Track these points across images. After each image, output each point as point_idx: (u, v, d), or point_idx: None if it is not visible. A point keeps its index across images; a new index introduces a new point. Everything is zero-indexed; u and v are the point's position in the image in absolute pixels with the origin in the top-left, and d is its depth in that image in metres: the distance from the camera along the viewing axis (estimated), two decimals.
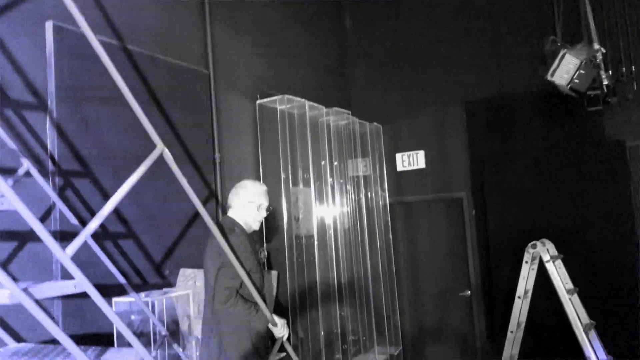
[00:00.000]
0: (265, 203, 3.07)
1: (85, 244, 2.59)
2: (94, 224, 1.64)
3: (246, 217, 3.03)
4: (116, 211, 3.04)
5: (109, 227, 3.02)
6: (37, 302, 1.49)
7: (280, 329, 2.79)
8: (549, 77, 3.71)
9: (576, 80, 3.63)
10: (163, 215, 3.40)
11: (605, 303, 4.86)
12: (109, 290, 2.86)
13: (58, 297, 2.69)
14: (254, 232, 3.17)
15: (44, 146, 2.74)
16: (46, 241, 1.53)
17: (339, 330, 4.85)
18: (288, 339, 2.91)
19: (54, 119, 2.77)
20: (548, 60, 3.68)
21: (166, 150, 1.93)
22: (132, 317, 3.05)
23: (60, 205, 2.50)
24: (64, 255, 1.55)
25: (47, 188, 2.48)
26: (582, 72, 3.59)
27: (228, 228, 2.90)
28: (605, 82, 3.94)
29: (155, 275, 3.31)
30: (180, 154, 3.54)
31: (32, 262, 2.58)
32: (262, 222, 3.14)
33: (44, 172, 2.67)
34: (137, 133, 3.13)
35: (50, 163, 2.75)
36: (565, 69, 3.55)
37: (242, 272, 2.43)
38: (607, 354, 4.43)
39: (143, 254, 3.21)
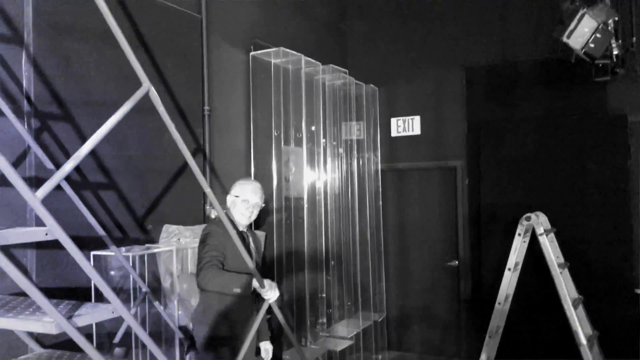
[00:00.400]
0: (251, 199, 2.97)
1: (63, 194, 2.42)
2: (69, 165, 1.46)
3: (234, 212, 2.99)
4: (97, 159, 2.85)
5: (88, 177, 2.83)
6: (2, 249, 1.32)
7: (268, 291, 2.66)
8: (564, 39, 3.52)
9: (591, 45, 3.46)
10: (147, 166, 3.21)
11: (595, 279, 4.83)
12: (87, 243, 2.69)
13: (31, 248, 2.51)
14: (252, 234, 3.16)
15: (18, 84, 2.51)
16: (14, 182, 1.35)
17: (324, 294, 4.76)
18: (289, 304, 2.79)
19: (30, 54, 2.53)
20: (566, 21, 3.49)
21: (152, 89, 1.74)
22: (112, 272, 2.90)
23: (35, 148, 2.30)
24: (34, 198, 1.37)
25: (22, 129, 2.28)
26: (598, 36, 3.41)
27: (215, 217, 3.05)
28: (615, 52, 3.77)
29: (137, 230, 3.14)
30: (167, 104, 3.32)
31: (3, 210, 2.39)
32: (250, 219, 3.03)
33: (18, 112, 2.46)
34: (121, 75, 2.92)
35: (25, 103, 2.53)
36: (582, 32, 3.36)
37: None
38: (594, 329, 4.42)
39: (125, 206, 3.03)
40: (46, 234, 1.43)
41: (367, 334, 5.45)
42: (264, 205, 3.07)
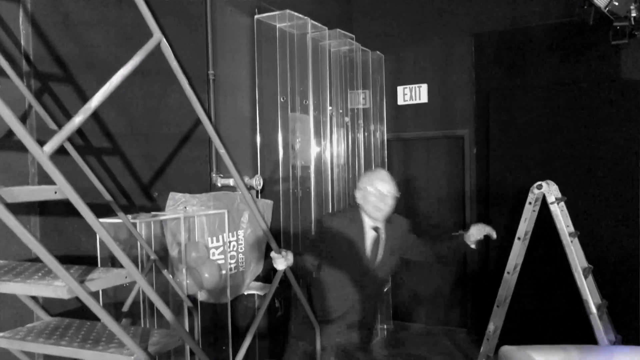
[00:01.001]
0: (384, 190, 2.59)
1: (67, 158, 2.31)
2: (79, 118, 1.36)
3: (367, 207, 2.65)
4: (101, 124, 2.74)
5: (93, 142, 2.72)
6: (8, 206, 1.23)
7: (282, 259, 2.53)
8: None
9: (615, 3, 3.33)
10: (152, 132, 3.11)
11: (603, 249, 4.78)
12: (93, 210, 2.60)
13: (35, 214, 2.42)
14: (389, 226, 2.76)
15: (16, 43, 2.38)
16: (22, 136, 1.25)
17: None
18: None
19: (28, 11, 2.40)
20: None
21: (164, 40, 1.63)
22: (119, 240, 2.82)
23: (37, 107, 2.19)
24: (42, 153, 1.27)
25: (23, 88, 2.16)
26: None
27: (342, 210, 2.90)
28: (634, 14, 3.64)
29: (143, 197, 3.06)
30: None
31: (1, 177, 2.30)
32: (386, 213, 2.66)
33: (17, 73, 2.34)
34: (125, 34, 2.80)
35: (24, 63, 2.41)
36: None
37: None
38: (602, 298, 4.38)
39: (130, 173, 2.94)
40: (55, 192, 1.34)
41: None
42: (399, 195, 2.68)
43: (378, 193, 2.57)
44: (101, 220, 2.62)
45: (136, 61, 1.51)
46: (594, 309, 4.09)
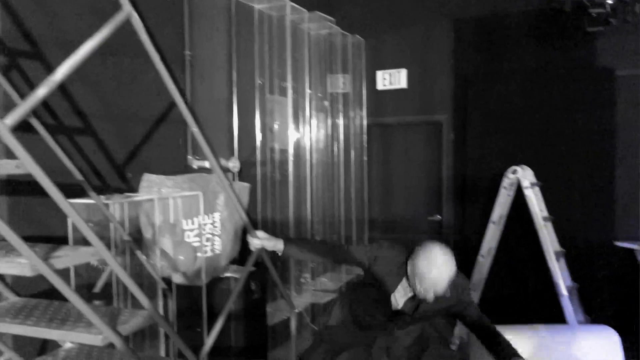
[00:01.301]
0: (428, 293, 2.22)
1: (36, 138, 2.26)
2: (43, 90, 1.32)
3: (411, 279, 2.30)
4: (71, 101, 2.68)
5: (63, 121, 2.67)
6: None
7: (257, 240, 2.49)
8: None
9: None
10: (126, 112, 3.06)
11: (576, 232, 4.87)
12: (63, 190, 2.56)
13: (2, 194, 2.37)
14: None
15: None
16: None
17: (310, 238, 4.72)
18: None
19: None
20: None
21: (135, 15, 1.59)
22: (91, 222, 2.78)
23: (4, 83, 2.13)
24: (3, 126, 1.24)
25: None
26: None
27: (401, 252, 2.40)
28: (609, 1, 3.68)
29: (116, 178, 3.02)
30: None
31: None
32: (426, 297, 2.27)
33: None
34: (99, 10, 2.73)
35: None
36: None
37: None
38: (573, 281, 4.48)
39: (102, 153, 2.89)
40: (17, 167, 1.31)
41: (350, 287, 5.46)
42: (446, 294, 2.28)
43: (423, 289, 2.21)
44: (73, 201, 2.60)
45: (104, 34, 1.48)
46: (564, 291, 4.19)
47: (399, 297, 2.35)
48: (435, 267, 2.12)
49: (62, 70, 1.36)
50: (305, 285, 4.85)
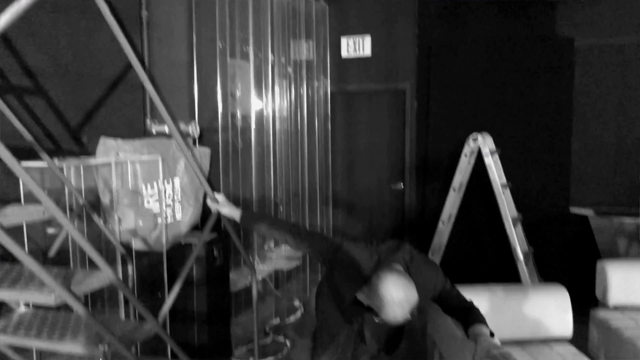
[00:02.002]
0: (391, 319, 1.96)
1: None
2: None
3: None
4: (20, 59, 2.56)
5: (11, 79, 2.54)
6: None
7: (214, 203, 2.44)
8: None
9: None
10: (80, 72, 2.94)
11: (533, 199, 5.02)
12: (13, 153, 2.46)
13: None
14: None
15: None
16: None
17: (272, 214, 4.72)
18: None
19: None
20: None
21: None
22: (44, 187, 2.69)
23: None
24: None
25: None
26: None
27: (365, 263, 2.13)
28: None
29: (71, 141, 2.91)
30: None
31: None
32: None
33: None
34: None
35: None
36: None
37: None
38: (530, 246, 4.62)
39: (55, 115, 2.78)
40: None
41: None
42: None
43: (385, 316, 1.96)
44: (24, 164, 2.50)
45: None
46: (521, 256, 4.32)
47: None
48: (394, 306, 1.87)
49: (3, 20, 1.28)
50: (269, 252, 4.86)
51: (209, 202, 2.36)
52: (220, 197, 2.38)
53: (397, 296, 1.87)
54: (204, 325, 3.54)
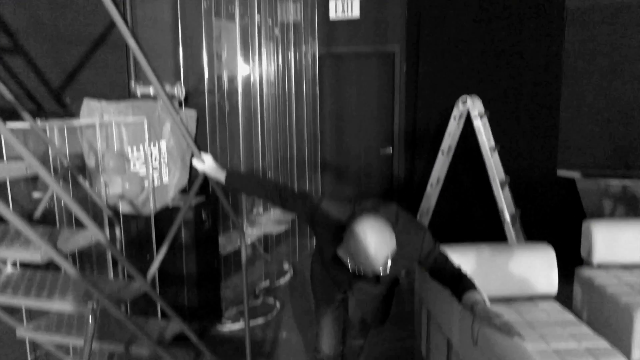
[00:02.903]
0: (359, 265, 1.86)
1: None
2: None
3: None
4: None
5: None
6: None
7: (200, 163, 2.40)
8: None
9: None
10: (61, 31, 2.85)
11: (520, 161, 5.04)
12: None
13: None
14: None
15: None
16: None
17: (257, 176, 4.69)
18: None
19: None
20: None
21: None
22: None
23: None
24: None
25: None
26: None
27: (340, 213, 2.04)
28: None
29: (54, 103, 2.85)
30: None
31: None
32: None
33: None
34: None
35: None
36: None
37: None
38: (517, 208, 4.67)
39: (37, 75, 2.71)
40: None
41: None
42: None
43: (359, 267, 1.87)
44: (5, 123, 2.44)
45: None
46: (508, 218, 4.36)
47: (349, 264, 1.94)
48: (368, 251, 1.77)
49: None
50: (258, 217, 4.86)
51: (194, 161, 2.31)
52: (207, 157, 2.35)
53: (372, 238, 1.78)
54: (194, 288, 3.56)
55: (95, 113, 3.01)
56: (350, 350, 2.63)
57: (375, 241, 1.78)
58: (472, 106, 4.42)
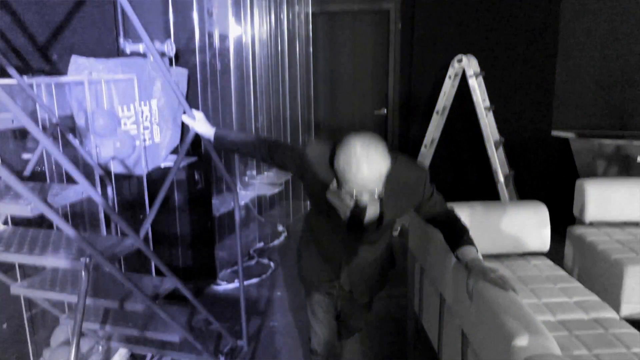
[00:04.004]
0: (352, 191, 1.67)
1: None
2: None
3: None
4: None
5: None
6: None
7: (191, 119, 2.36)
8: None
9: None
10: None
11: (515, 122, 5.02)
12: None
13: None
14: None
15: None
16: None
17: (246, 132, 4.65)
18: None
19: None
20: None
21: None
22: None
23: None
24: None
25: None
26: None
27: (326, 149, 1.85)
28: None
29: (40, 59, 2.77)
30: None
31: None
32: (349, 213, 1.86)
33: None
34: None
35: None
36: None
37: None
38: (510, 169, 4.67)
39: (21, 30, 2.62)
40: None
41: (297, 181, 5.51)
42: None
43: (351, 194, 1.69)
44: None
45: None
46: (501, 178, 4.37)
47: (345, 202, 1.82)
48: (359, 163, 1.60)
49: None
50: (251, 179, 4.85)
51: (184, 117, 2.27)
52: (198, 114, 2.30)
53: (363, 149, 1.60)
54: (188, 249, 3.57)
55: (83, 71, 2.94)
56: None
57: (368, 152, 1.61)
58: (468, 65, 4.36)
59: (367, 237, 2.04)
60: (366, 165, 1.60)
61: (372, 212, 1.90)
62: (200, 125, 2.27)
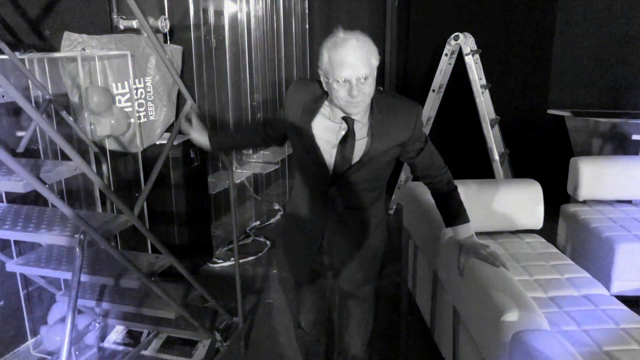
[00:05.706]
0: (348, 75, 1.60)
1: None
2: None
3: (332, 97, 1.69)
4: None
5: None
6: None
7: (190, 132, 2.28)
8: None
9: None
10: None
11: (512, 100, 5.01)
12: None
13: None
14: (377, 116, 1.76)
15: None
16: None
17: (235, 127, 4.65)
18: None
19: None
20: None
21: None
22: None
23: None
24: None
25: None
26: None
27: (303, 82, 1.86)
28: None
29: (32, 34, 2.74)
30: None
31: None
32: (359, 104, 1.67)
33: None
34: None
35: None
36: None
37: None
38: (506, 147, 4.68)
39: (12, 6, 2.59)
40: None
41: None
42: (377, 64, 1.69)
43: (342, 82, 1.61)
44: None
45: None
46: (496, 156, 4.38)
47: (331, 136, 1.75)
48: (345, 40, 1.59)
49: None
50: (247, 158, 4.85)
51: (183, 125, 2.26)
52: (194, 119, 2.27)
53: (347, 34, 1.61)
54: (184, 226, 3.58)
55: (76, 47, 2.91)
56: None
57: (353, 33, 1.62)
58: (464, 42, 4.33)
59: (353, 194, 1.86)
60: (354, 42, 1.60)
61: (360, 137, 1.76)
62: (195, 132, 2.25)
